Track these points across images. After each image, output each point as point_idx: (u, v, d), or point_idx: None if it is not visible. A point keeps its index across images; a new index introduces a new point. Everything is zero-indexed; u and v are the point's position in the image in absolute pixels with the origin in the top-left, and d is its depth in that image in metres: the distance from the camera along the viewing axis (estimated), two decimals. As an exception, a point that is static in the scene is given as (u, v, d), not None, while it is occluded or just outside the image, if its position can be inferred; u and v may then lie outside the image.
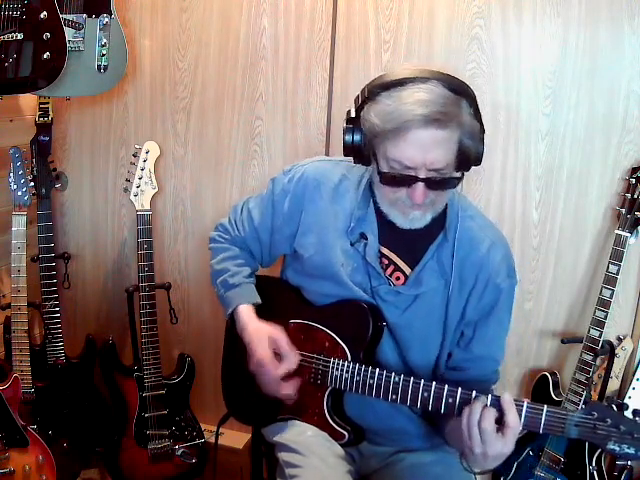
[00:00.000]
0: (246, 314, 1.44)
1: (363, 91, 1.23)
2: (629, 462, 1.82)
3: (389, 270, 1.38)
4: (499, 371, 1.43)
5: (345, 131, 1.25)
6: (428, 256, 1.35)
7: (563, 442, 1.81)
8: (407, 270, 1.37)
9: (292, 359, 1.35)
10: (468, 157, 1.22)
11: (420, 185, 1.20)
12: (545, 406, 1.14)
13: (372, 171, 1.31)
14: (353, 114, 1.25)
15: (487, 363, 1.40)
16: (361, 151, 1.26)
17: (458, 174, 1.24)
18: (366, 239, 1.36)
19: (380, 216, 1.36)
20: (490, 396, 1.17)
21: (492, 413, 1.14)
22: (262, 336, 1.38)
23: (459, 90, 1.18)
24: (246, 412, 1.58)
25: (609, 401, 1.12)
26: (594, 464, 1.79)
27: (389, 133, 1.17)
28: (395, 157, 1.19)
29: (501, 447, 1.13)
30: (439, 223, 1.34)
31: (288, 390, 1.37)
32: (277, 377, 1.35)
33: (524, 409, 1.15)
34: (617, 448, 1.08)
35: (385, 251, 1.38)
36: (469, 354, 1.39)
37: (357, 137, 1.24)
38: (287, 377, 1.37)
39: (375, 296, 1.37)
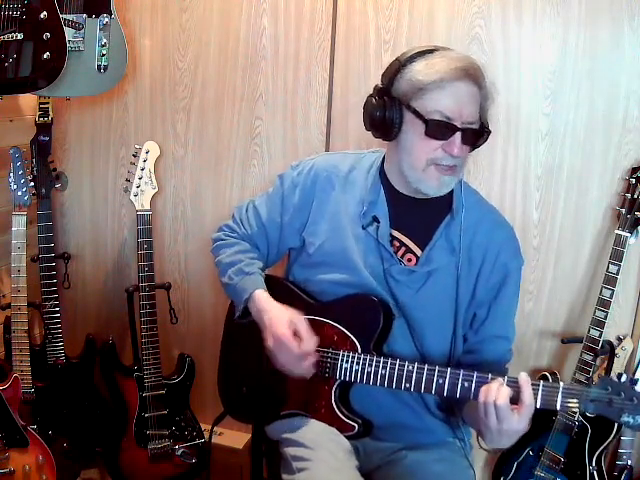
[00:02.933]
0: (265, 298, 1.44)
1: (396, 62, 1.36)
2: (629, 462, 1.82)
3: (400, 252, 1.43)
4: (512, 350, 1.47)
5: (375, 103, 1.35)
6: (437, 235, 1.40)
7: (563, 442, 1.81)
8: (418, 252, 1.42)
9: (311, 342, 1.35)
10: (483, 125, 1.34)
11: (459, 135, 1.29)
12: (561, 384, 1.18)
13: (399, 141, 1.36)
14: (382, 84, 1.37)
15: (501, 342, 1.44)
16: (392, 119, 1.33)
17: (485, 134, 1.35)
18: (378, 222, 1.41)
19: (390, 200, 1.42)
20: (506, 377, 1.21)
21: (507, 391, 1.18)
22: (282, 317, 1.38)
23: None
24: (246, 409, 1.57)
25: (619, 377, 1.15)
26: (594, 464, 1.79)
27: (431, 85, 1.28)
28: (436, 108, 1.28)
29: (516, 424, 1.17)
30: (447, 206, 1.41)
31: (307, 366, 1.35)
32: (296, 355, 1.34)
33: (540, 388, 1.18)
34: (631, 420, 1.13)
35: (396, 234, 1.43)
36: (483, 335, 1.43)
37: (389, 104, 1.33)
38: (305, 357, 1.36)
39: (387, 277, 1.40)
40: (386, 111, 1.33)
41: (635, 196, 1.73)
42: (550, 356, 1.97)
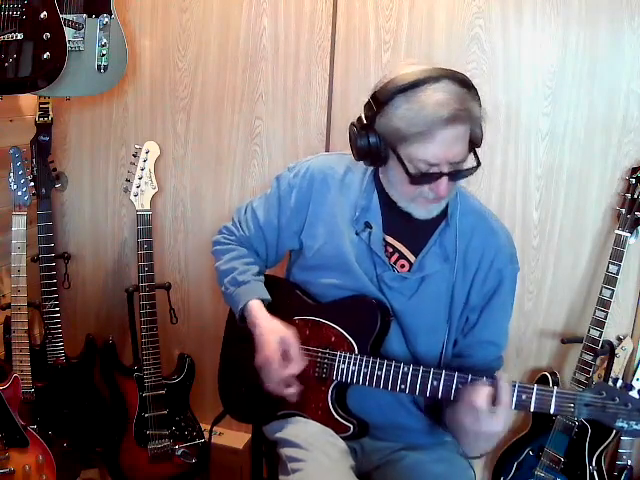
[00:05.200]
0: (258, 309, 1.43)
1: (375, 97, 1.26)
2: (629, 462, 1.82)
3: (393, 258, 1.41)
4: (502, 357, 1.45)
5: (359, 137, 1.28)
6: (431, 242, 1.39)
7: (563, 442, 1.81)
8: (411, 258, 1.41)
9: (299, 364, 1.36)
10: (474, 143, 1.29)
11: (445, 179, 1.25)
12: (555, 388, 1.17)
13: (387, 169, 1.33)
14: (364, 120, 1.28)
15: (490, 348, 1.42)
16: (378, 154, 1.28)
17: (474, 163, 1.29)
18: (370, 228, 1.40)
19: (384, 205, 1.40)
20: (488, 378, 1.21)
21: (486, 392, 1.18)
22: (275, 334, 1.38)
23: (465, 83, 1.23)
24: (245, 410, 1.58)
25: (615, 381, 1.15)
26: (594, 464, 1.79)
27: (415, 136, 1.20)
28: (422, 157, 1.23)
29: (494, 425, 1.17)
30: (442, 212, 1.38)
31: (290, 390, 1.38)
32: (281, 376, 1.36)
33: (534, 392, 1.18)
34: (625, 425, 1.12)
35: (389, 239, 1.41)
36: (472, 339, 1.42)
37: (373, 140, 1.27)
38: (288, 381, 1.38)
39: (380, 283, 1.39)
40: (371, 147, 1.28)
41: (635, 196, 1.73)
42: (550, 356, 1.97)
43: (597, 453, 1.78)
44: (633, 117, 1.76)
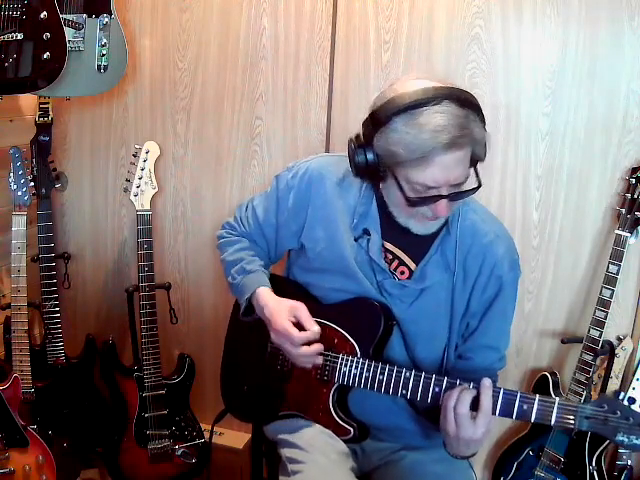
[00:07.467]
0: (266, 293, 1.43)
1: (374, 116, 1.22)
2: (629, 462, 1.82)
3: (393, 265, 1.40)
4: (505, 357, 1.45)
5: (357, 154, 1.26)
6: (432, 251, 1.37)
7: (563, 442, 1.81)
8: (411, 265, 1.39)
9: (313, 328, 1.33)
10: (476, 161, 1.27)
11: (444, 201, 1.23)
12: (557, 399, 1.17)
13: (387, 186, 1.31)
14: (362, 139, 1.26)
15: (489, 352, 1.42)
16: (376, 172, 1.26)
17: (475, 184, 1.27)
18: (369, 235, 1.38)
19: (383, 212, 1.38)
20: (472, 383, 1.22)
21: (468, 398, 1.19)
22: (282, 308, 1.37)
23: (467, 104, 1.19)
24: (246, 409, 1.58)
25: (617, 395, 1.14)
26: (594, 464, 1.79)
27: (413, 161, 1.18)
28: (420, 181, 1.21)
29: (472, 432, 1.18)
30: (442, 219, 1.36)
31: (311, 354, 1.34)
32: (299, 343, 1.32)
33: (535, 403, 1.17)
34: (626, 439, 1.11)
35: (389, 246, 1.40)
36: (472, 344, 1.42)
37: (370, 159, 1.24)
38: (310, 345, 1.34)
39: (381, 290, 1.39)
40: (368, 166, 1.25)
41: (635, 196, 1.73)
42: (550, 356, 1.97)
43: (597, 453, 1.78)
44: (633, 117, 1.76)
